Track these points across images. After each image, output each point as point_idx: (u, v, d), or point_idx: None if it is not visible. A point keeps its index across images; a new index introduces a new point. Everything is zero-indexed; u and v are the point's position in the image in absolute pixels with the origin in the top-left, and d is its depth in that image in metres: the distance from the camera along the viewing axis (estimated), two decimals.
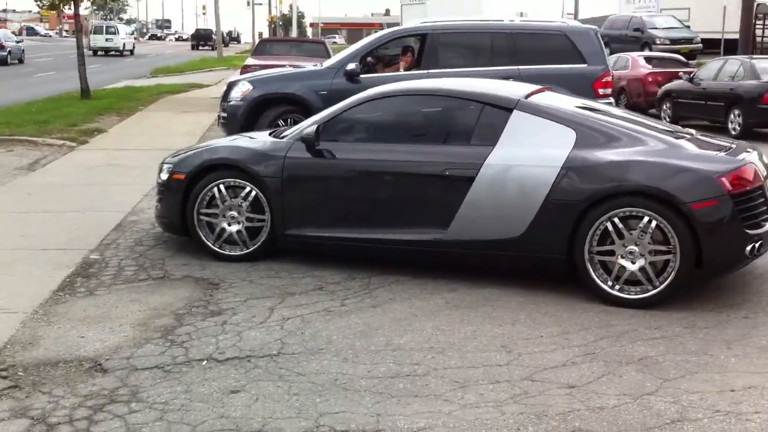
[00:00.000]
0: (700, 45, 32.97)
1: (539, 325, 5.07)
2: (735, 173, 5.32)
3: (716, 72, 17.26)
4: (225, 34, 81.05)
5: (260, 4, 77.42)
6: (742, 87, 15.90)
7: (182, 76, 33.08)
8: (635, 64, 21.08)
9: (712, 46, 33.03)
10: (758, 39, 29.02)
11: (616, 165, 5.44)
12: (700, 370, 4.38)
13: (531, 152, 5.69)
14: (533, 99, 6.08)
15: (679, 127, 6.45)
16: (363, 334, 4.90)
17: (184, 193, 6.54)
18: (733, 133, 15.69)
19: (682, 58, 23.45)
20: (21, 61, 40.51)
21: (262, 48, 21.87)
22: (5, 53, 38.34)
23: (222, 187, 6.46)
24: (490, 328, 5.03)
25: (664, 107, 18.64)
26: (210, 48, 66.01)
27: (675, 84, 18.58)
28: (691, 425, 3.74)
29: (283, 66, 16.09)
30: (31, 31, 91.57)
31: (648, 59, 21.70)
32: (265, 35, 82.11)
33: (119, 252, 6.73)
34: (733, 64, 17.03)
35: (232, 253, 6.45)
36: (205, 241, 6.50)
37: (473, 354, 4.61)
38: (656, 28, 33.41)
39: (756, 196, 5.44)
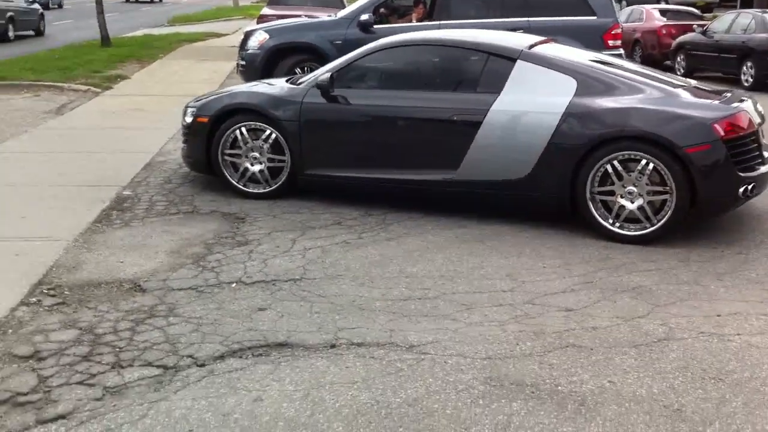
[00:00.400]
0: None
1: (543, 258, 5.46)
2: (728, 120, 5.64)
3: (729, 25, 17.36)
4: None
5: None
6: (754, 40, 16.03)
7: (199, 25, 33.31)
8: (650, 16, 21.15)
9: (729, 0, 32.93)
10: None
11: (615, 111, 5.77)
12: (690, 298, 4.77)
13: (534, 99, 6.02)
14: (536, 49, 6.40)
15: (678, 77, 6.74)
16: (378, 263, 5.30)
17: (208, 135, 6.92)
18: (746, 84, 15.89)
19: (696, 11, 23.46)
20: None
21: None
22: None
23: (244, 129, 6.84)
24: (496, 259, 5.43)
25: (678, 59, 18.80)
26: None
27: (688, 36, 18.69)
28: (676, 344, 4.13)
29: (299, 16, 16.38)
30: None
31: (662, 12, 21.74)
32: None
33: (150, 189, 7.15)
34: (746, 17, 17.12)
35: (256, 191, 6.86)
36: (230, 179, 6.91)
37: (479, 281, 5.01)
38: None
39: (749, 142, 5.77)
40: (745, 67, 16.12)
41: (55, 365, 3.83)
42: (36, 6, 26.96)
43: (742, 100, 6.09)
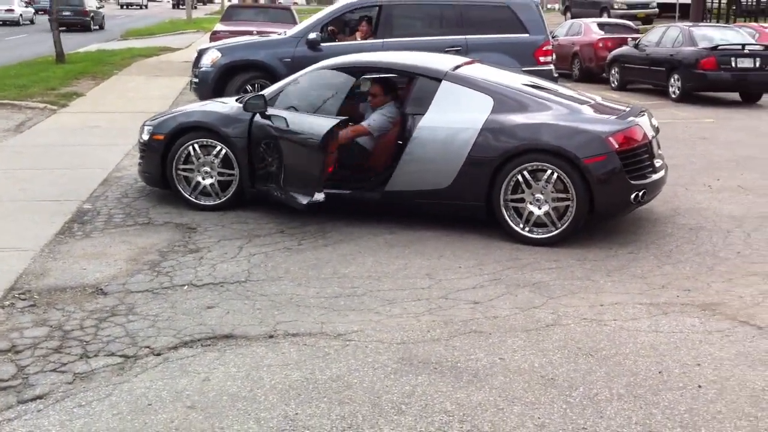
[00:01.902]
0: (656, 10, 34.23)
1: (460, 259, 6.21)
2: (622, 134, 6.46)
3: (659, 38, 18.37)
4: None
5: None
6: (681, 53, 17.00)
7: (153, 39, 33.70)
8: (588, 30, 22.17)
9: (669, 11, 34.25)
10: (708, 4, 30.08)
11: (526, 127, 6.55)
12: (580, 291, 5.55)
13: (456, 116, 6.78)
14: (460, 70, 7.17)
15: (586, 94, 7.54)
16: (315, 266, 6.00)
17: (163, 151, 7.56)
18: (674, 96, 16.90)
19: (632, 24, 24.54)
20: None
21: (231, 14, 22.63)
22: None
23: (196, 146, 7.49)
24: (419, 261, 6.16)
25: (613, 72, 19.73)
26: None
27: (622, 50, 19.64)
28: (560, 328, 4.89)
29: (251, 32, 17.05)
30: None
31: (600, 25, 22.78)
32: None
33: (108, 203, 7.77)
34: (674, 30, 18.12)
35: (207, 203, 7.51)
36: (183, 193, 7.55)
37: (403, 280, 5.74)
38: None
39: (641, 153, 6.59)
40: (672, 80, 17.10)
41: (30, 356, 4.46)
42: None
43: (638, 115, 6.91)
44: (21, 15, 42.93)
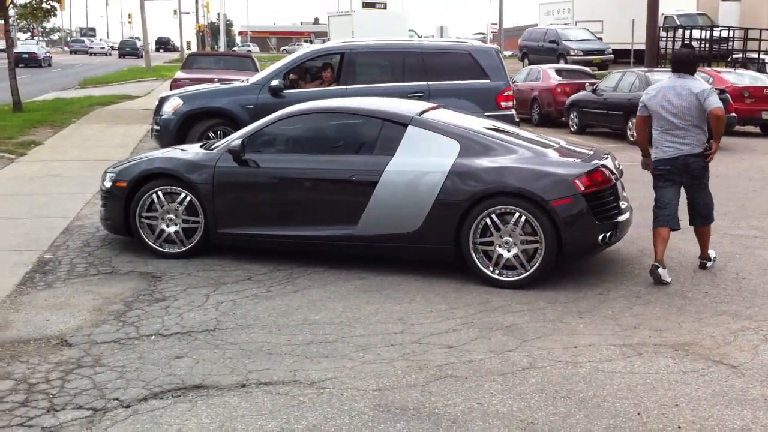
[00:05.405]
0: (612, 56, 34.95)
1: (431, 303, 6.16)
2: (587, 176, 6.51)
3: (616, 83, 18.75)
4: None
5: (187, 13, 77.57)
6: (638, 97, 17.17)
7: (111, 87, 33.52)
8: (546, 75, 22.52)
9: (624, 56, 35.00)
10: (662, 50, 30.80)
11: (493, 170, 6.58)
12: (553, 333, 5.53)
13: (423, 160, 6.80)
14: (426, 116, 7.20)
15: (550, 138, 7.62)
16: (284, 313, 5.92)
17: (126, 199, 7.45)
18: (632, 139, 17.14)
19: (588, 69, 25.00)
20: None
21: (191, 61, 22.63)
22: None
23: (160, 193, 7.40)
24: (390, 306, 6.10)
25: (572, 116, 20.06)
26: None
27: (580, 95, 19.99)
28: (536, 371, 4.86)
29: (212, 79, 17.03)
30: None
31: (558, 71, 23.16)
32: (193, 44, 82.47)
33: (70, 252, 7.61)
34: (631, 76, 18.52)
35: (171, 251, 7.40)
36: (147, 240, 7.43)
37: (375, 325, 5.67)
38: (570, 40, 35.30)
39: (606, 194, 6.65)
40: (630, 123, 17.38)
41: None
42: None
43: (601, 158, 6.98)
44: None
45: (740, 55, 30.85)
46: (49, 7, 22.78)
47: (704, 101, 6.69)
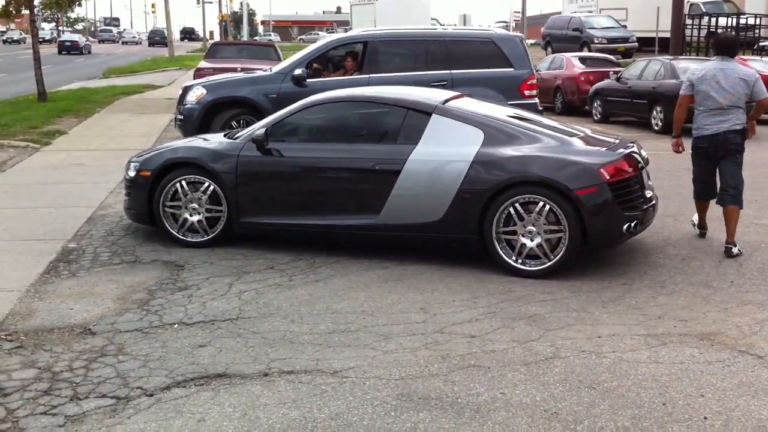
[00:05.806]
0: (636, 44, 34.57)
1: (453, 292, 6.14)
2: (612, 165, 6.44)
3: (640, 72, 18.55)
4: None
5: (210, 2, 77.75)
6: (664, 86, 17.12)
7: (135, 77, 33.70)
8: (569, 64, 22.33)
9: (648, 45, 34.65)
10: (687, 38, 30.48)
11: (517, 159, 6.53)
12: (576, 323, 5.49)
13: (447, 149, 6.76)
14: (450, 104, 7.15)
15: (575, 127, 7.55)
16: (307, 302, 5.91)
17: (150, 188, 7.48)
18: (656, 128, 17.02)
19: (612, 58, 24.78)
20: None
21: (214, 51, 22.69)
22: None
23: (184, 182, 7.41)
24: (413, 295, 6.08)
25: (595, 105, 19.89)
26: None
27: (604, 83, 19.82)
28: (560, 361, 4.82)
29: (235, 69, 17.05)
30: None
31: (582, 59, 22.97)
32: (216, 34, 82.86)
33: (93, 241, 7.65)
34: (656, 64, 18.31)
35: (195, 240, 7.42)
36: (170, 230, 7.45)
37: (397, 315, 5.66)
38: (594, 28, 34.93)
39: (632, 184, 6.58)
40: (654, 112, 17.25)
41: (20, 399, 4.34)
42: None
43: (627, 147, 6.91)
44: None
45: (767, 43, 30.44)
46: None
47: (753, 87, 7.20)
